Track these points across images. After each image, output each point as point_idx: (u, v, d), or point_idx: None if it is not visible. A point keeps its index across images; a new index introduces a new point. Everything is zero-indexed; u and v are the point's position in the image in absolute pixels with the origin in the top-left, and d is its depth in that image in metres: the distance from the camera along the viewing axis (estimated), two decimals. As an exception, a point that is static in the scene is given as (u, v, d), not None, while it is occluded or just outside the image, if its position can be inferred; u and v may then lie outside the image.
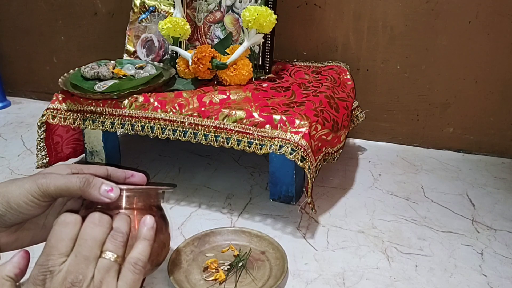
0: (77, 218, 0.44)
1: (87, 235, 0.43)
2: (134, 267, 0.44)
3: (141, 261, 0.44)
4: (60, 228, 0.43)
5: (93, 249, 0.42)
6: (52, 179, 0.50)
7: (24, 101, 1.70)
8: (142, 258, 0.45)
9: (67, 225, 0.43)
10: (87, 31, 1.54)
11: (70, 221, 0.43)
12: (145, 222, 0.47)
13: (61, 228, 0.43)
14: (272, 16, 1.01)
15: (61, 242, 0.42)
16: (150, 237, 0.47)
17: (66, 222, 0.43)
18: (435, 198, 1.06)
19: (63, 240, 0.42)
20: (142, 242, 0.46)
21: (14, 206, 0.49)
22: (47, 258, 0.41)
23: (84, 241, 0.43)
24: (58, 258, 0.41)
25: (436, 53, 1.21)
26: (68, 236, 0.42)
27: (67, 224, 0.43)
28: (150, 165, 1.21)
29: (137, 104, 1.00)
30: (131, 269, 0.43)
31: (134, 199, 0.58)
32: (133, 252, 0.45)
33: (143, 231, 0.47)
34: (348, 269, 0.83)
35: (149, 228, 0.47)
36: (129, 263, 0.44)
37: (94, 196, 0.51)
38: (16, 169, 1.20)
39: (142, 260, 0.44)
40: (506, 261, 0.86)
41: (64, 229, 0.43)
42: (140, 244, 0.46)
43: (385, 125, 1.32)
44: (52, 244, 0.42)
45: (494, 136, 1.24)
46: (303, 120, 0.91)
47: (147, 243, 0.46)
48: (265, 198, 1.05)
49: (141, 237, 0.46)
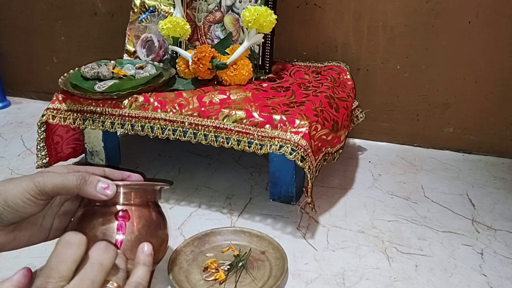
0: (81, 239, 0.41)
1: (95, 260, 0.41)
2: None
3: (142, 286, 0.44)
4: (63, 249, 0.40)
5: (100, 275, 0.41)
6: (49, 177, 0.50)
7: (24, 101, 1.70)
8: (143, 283, 0.44)
9: (71, 246, 0.40)
10: (87, 31, 1.54)
11: (74, 241, 0.41)
12: (143, 249, 0.47)
13: (64, 249, 0.40)
14: (272, 16, 1.01)
15: (63, 264, 0.40)
16: (149, 263, 0.47)
17: (70, 243, 0.41)
18: (435, 198, 1.06)
19: (65, 262, 0.40)
20: (141, 267, 0.46)
21: (11, 205, 0.49)
22: (47, 280, 0.39)
23: (91, 265, 0.41)
24: (59, 282, 0.39)
25: (436, 53, 1.21)
26: (71, 258, 0.40)
27: (70, 245, 0.40)
28: (150, 165, 1.21)
29: (137, 104, 1.00)
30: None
31: (131, 195, 0.58)
32: (134, 277, 0.44)
33: (142, 257, 0.46)
34: (348, 269, 0.83)
35: (147, 254, 0.47)
36: (130, 286, 0.43)
37: (90, 194, 0.51)
38: (16, 169, 1.20)
39: (142, 284, 0.44)
40: (506, 261, 0.85)
41: (68, 251, 0.40)
42: (140, 269, 0.45)
43: (385, 125, 1.32)
44: (53, 266, 0.39)
45: (494, 136, 1.24)
46: (303, 120, 0.91)
47: (146, 269, 0.46)
48: (265, 198, 1.05)
49: (140, 262, 0.46)
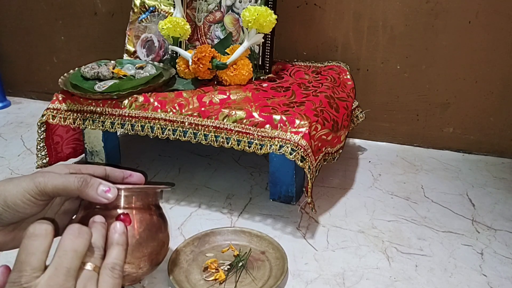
0: (47, 229, 0.41)
1: (68, 247, 0.41)
2: (112, 271, 0.43)
3: (118, 265, 0.44)
4: (29, 241, 0.40)
5: (74, 261, 0.40)
6: (50, 178, 0.49)
7: (24, 101, 1.70)
8: (119, 263, 0.44)
9: (37, 237, 0.40)
10: (87, 31, 1.54)
11: (39, 233, 0.40)
12: (115, 228, 0.47)
13: (31, 241, 0.40)
14: (272, 16, 1.01)
15: (32, 256, 0.39)
16: (123, 242, 0.46)
17: (36, 235, 0.40)
18: (435, 198, 1.06)
19: (34, 254, 0.39)
20: (116, 247, 0.45)
21: (11, 205, 0.49)
22: (19, 274, 0.39)
23: (65, 252, 0.40)
24: (32, 274, 0.39)
25: (436, 53, 1.21)
26: (39, 249, 0.40)
27: (37, 237, 0.40)
28: (150, 165, 1.21)
29: (137, 104, 1.00)
30: (109, 274, 0.43)
31: (132, 199, 0.58)
32: (109, 258, 0.44)
33: (115, 237, 0.46)
34: (348, 269, 0.83)
35: (120, 233, 0.46)
36: (106, 268, 0.43)
37: (91, 196, 0.50)
38: (16, 169, 1.20)
39: (119, 264, 0.44)
40: (506, 261, 0.85)
41: (34, 242, 0.40)
42: (115, 250, 0.45)
43: (385, 125, 1.32)
44: (23, 259, 0.39)
45: (494, 136, 1.24)
46: (303, 120, 0.91)
47: (121, 248, 0.45)
48: (265, 198, 1.05)
49: (113, 242, 0.45)
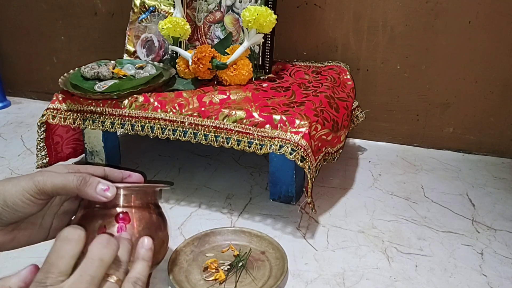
0: (80, 235, 0.41)
1: (95, 256, 0.41)
2: (134, 286, 0.43)
3: (141, 281, 0.44)
4: (62, 244, 0.40)
5: (100, 271, 0.41)
6: (49, 177, 0.50)
7: (24, 101, 1.70)
8: (142, 278, 0.44)
9: (70, 242, 0.41)
10: (87, 31, 1.54)
11: (73, 237, 0.41)
12: (143, 243, 0.47)
13: (63, 245, 0.40)
14: (272, 16, 1.01)
15: (61, 259, 0.40)
16: (149, 258, 0.46)
17: (69, 239, 0.41)
18: (435, 198, 1.06)
19: (64, 257, 0.40)
20: (141, 262, 0.45)
21: (10, 205, 0.49)
22: (46, 275, 0.39)
23: (91, 261, 0.41)
24: (58, 277, 0.39)
25: (436, 53, 1.21)
26: (69, 253, 0.40)
27: (69, 241, 0.41)
28: (150, 165, 1.21)
29: (137, 104, 1.00)
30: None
31: (131, 197, 0.58)
32: (133, 272, 0.44)
33: (142, 252, 0.46)
34: (348, 269, 0.83)
35: (147, 249, 0.47)
36: (129, 282, 0.43)
37: (90, 195, 0.51)
38: (16, 169, 1.20)
39: (142, 280, 0.44)
40: (506, 261, 0.85)
41: (66, 246, 0.40)
42: (139, 264, 0.45)
43: (385, 125, 1.32)
44: (52, 261, 0.40)
45: (494, 136, 1.24)
46: (303, 120, 0.91)
47: (146, 264, 0.45)
48: (265, 198, 1.05)
49: (139, 257, 0.46)
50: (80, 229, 0.42)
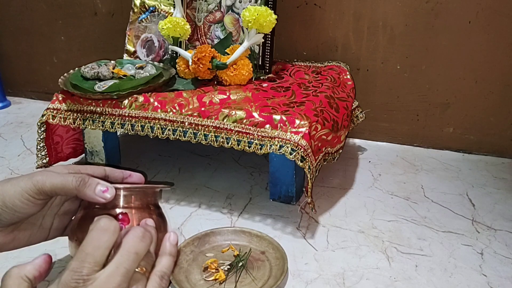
0: (116, 226, 0.42)
1: (131, 249, 0.42)
2: (161, 280, 0.44)
3: (167, 275, 0.45)
4: (98, 234, 0.41)
5: (134, 264, 0.41)
6: (48, 177, 0.50)
7: (24, 101, 1.70)
8: (168, 272, 0.45)
9: (106, 232, 0.41)
10: (87, 31, 1.54)
11: (109, 228, 0.41)
12: (170, 239, 0.48)
13: (99, 235, 0.41)
14: (272, 16, 1.01)
15: (98, 250, 0.40)
16: (174, 253, 0.47)
17: (105, 229, 0.41)
18: (435, 198, 1.06)
19: (100, 248, 0.40)
20: (167, 257, 0.46)
21: (9, 205, 0.49)
22: (82, 265, 0.39)
23: (128, 253, 0.41)
24: (93, 267, 0.40)
25: (436, 53, 1.21)
26: (105, 244, 0.41)
27: (105, 231, 0.41)
28: (150, 165, 1.21)
29: (137, 104, 1.00)
30: (158, 281, 0.44)
31: (131, 198, 0.58)
32: (159, 266, 0.45)
33: (168, 246, 0.47)
34: (348, 269, 0.83)
35: (174, 244, 0.48)
36: (156, 275, 0.44)
37: (89, 196, 0.51)
38: (16, 169, 1.20)
39: (167, 274, 0.45)
40: (506, 261, 0.85)
41: (103, 237, 0.41)
42: (166, 259, 0.46)
43: (385, 125, 1.32)
44: (88, 251, 0.40)
45: (494, 136, 1.24)
46: (303, 120, 0.91)
47: (172, 259, 0.46)
48: (265, 198, 1.05)
49: (166, 252, 0.46)
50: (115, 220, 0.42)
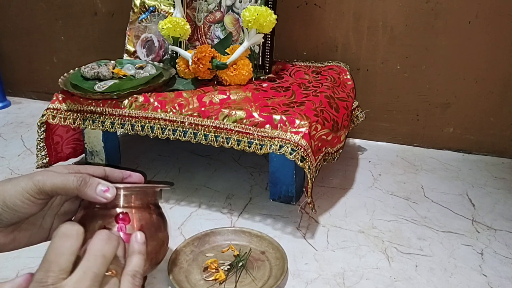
0: (78, 231, 0.40)
1: (98, 252, 0.41)
2: (133, 279, 0.43)
3: (139, 273, 0.44)
4: (61, 241, 0.39)
5: (103, 267, 0.40)
6: (49, 177, 0.50)
7: (24, 101, 1.70)
8: (139, 271, 0.44)
9: (68, 237, 0.40)
10: (87, 31, 1.54)
11: (71, 233, 0.40)
12: (137, 238, 0.47)
13: (61, 241, 0.39)
14: (272, 16, 1.01)
15: (61, 256, 0.39)
16: (143, 251, 0.46)
17: (67, 234, 0.40)
18: (435, 198, 1.06)
19: (64, 254, 0.39)
20: (137, 255, 0.45)
21: (10, 205, 0.49)
22: (47, 274, 0.38)
23: (94, 257, 0.40)
24: (59, 275, 0.38)
25: (436, 53, 1.21)
26: (69, 250, 0.39)
27: (68, 237, 0.40)
28: (150, 165, 1.21)
29: (137, 104, 1.00)
30: (131, 281, 0.43)
31: (131, 198, 0.58)
32: (130, 266, 0.44)
33: (136, 246, 0.46)
34: (348, 269, 0.83)
35: (141, 243, 0.46)
36: (128, 275, 0.43)
37: (90, 196, 0.51)
38: (16, 169, 1.20)
39: (139, 272, 0.44)
40: (506, 261, 0.86)
41: (65, 243, 0.39)
42: (135, 258, 0.45)
43: (385, 125, 1.32)
44: (52, 259, 0.39)
45: (494, 136, 1.24)
46: (303, 120, 0.91)
47: (142, 257, 0.45)
48: (265, 198, 1.05)
49: (135, 251, 0.46)
50: (77, 224, 0.41)
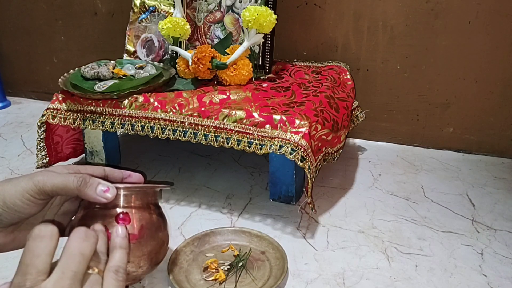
0: (53, 231, 0.39)
1: (75, 250, 0.40)
2: (116, 274, 0.42)
3: (122, 268, 0.43)
4: (35, 243, 0.39)
5: (81, 265, 0.39)
6: (49, 177, 0.49)
7: (24, 101, 1.70)
8: (122, 266, 0.43)
9: (43, 239, 0.39)
10: (87, 31, 1.54)
11: (45, 234, 0.39)
12: (117, 232, 0.46)
13: (36, 243, 0.38)
14: (272, 16, 1.01)
15: (37, 258, 0.38)
16: (125, 245, 0.46)
17: (41, 236, 0.39)
18: (435, 198, 1.06)
19: (40, 256, 0.38)
20: (118, 250, 0.45)
21: (10, 205, 0.48)
22: (25, 277, 0.37)
23: (72, 256, 0.39)
24: (37, 277, 0.37)
25: (436, 53, 1.21)
26: (45, 251, 0.38)
27: (42, 238, 0.39)
28: (150, 165, 1.21)
29: (137, 104, 1.00)
30: (113, 277, 0.42)
31: (131, 198, 0.58)
32: (112, 261, 0.43)
33: (117, 240, 0.45)
34: (348, 269, 0.83)
35: (122, 237, 0.46)
36: (110, 271, 0.42)
37: (90, 196, 0.51)
38: (16, 169, 1.20)
39: (122, 267, 0.43)
40: (506, 261, 0.85)
41: (40, 244, 0.38)
42: (118, 253, 0.44)
43: (385, 125, 1.32)
44: (28, 262, 0.38)
45: (494, 136, 1.24)
46: (303, 120, 0.91)
47: (124, 251, 0.45)
48: (265, 198, 1.05)
49: (116, 246, 0.45)
50: (51, 225, 0.40)
